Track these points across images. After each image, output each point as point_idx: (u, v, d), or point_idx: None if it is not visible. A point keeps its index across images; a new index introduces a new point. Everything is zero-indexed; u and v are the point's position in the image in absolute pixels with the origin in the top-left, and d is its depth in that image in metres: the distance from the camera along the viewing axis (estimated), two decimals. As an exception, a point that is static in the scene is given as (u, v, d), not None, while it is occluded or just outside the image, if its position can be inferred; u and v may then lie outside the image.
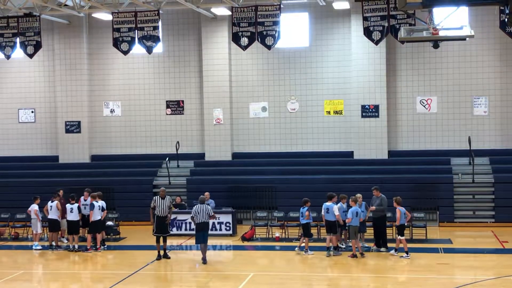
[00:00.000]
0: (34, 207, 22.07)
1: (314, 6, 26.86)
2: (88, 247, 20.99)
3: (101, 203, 21.33)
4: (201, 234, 19.20)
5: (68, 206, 21.30)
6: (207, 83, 27.82)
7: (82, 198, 22.01)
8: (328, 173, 26.20)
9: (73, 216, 21.18)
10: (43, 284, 18.05)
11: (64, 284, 17.41)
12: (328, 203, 19.71)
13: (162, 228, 19.81)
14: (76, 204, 21.27)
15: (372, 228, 20.52)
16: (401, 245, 19.07)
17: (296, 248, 20.09)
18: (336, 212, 19.44)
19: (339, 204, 19.88)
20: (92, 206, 21.05)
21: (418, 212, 23.19)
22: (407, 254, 18.95)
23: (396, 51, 26.89)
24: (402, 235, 19.15)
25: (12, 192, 27.32)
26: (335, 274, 17.81)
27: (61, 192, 22.31)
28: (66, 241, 21.72)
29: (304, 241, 20.07)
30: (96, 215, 21.03)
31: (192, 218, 19.27)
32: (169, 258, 19.72)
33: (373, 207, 19.84)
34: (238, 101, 28.09)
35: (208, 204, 23.24)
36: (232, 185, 26.15)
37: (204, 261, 19.02)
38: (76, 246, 21.18)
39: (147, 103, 28.86)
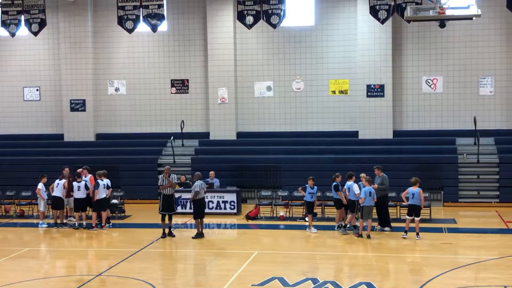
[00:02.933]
0: (39, 186, 22.15)
1: (320, -16, 26.75)
2: (93, 225, 21.09)
3: (106, 181, 21.38)
4: (203, 209, 19.69)
5: (75, 184, 21.37)
6: (212, 62, 27.76)
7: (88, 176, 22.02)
8: (333, 152, 26.21)
9: (80, 194, 21.26)
10: (48, 261, 18.16)
11: (69, 261, 17.51)
12: (349, 182, 19.72)
13: (168, 206, 19.92)
14: (83, 182, 21.32)
15: (375, 208, 20.53)
16: (411, 225, 19.02)
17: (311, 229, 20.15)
18: (356, 191, 19.42)
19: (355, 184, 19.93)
20: (97, 185, 21.12)
21: (422, 192, 23.15)
22: (405, 233, 18.98)
23: (402, 30, 26.76)
24: (410, 215, 19.09)
25: (17, 170, 27.46)
26: (339, 252, 17.86)
27: (66, 170, 22.34)
28: (73, 219, 21.81)
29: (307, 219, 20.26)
30: (101, 193, 21.10)
31: (197, 193, 19.41)
32: (174, 236, 19.83)
33: (375, 185, 19.84)
34: (243, 80, 28.04)
35: (212, 183, 23.51)
36: (237, 164, 26.18)
37: (202, 234, 19.64)
38: (84, 224, 21.33)
39: (151, 82, 28.84)
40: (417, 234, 18.83)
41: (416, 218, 19.00)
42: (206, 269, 16.48)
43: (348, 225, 20.23)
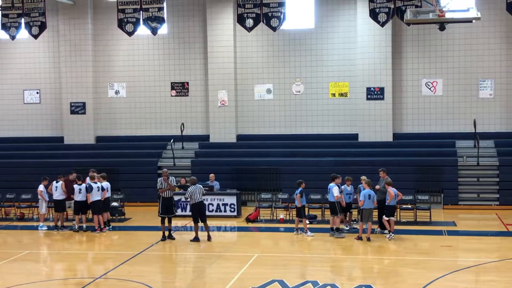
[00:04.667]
0: (40, 187, 22.16)
1: (320, -13, 26.77)
2: (96, 228, 21.07)
3: (105, 184, 21.39)
4: (199, 213, 19.53)
5: (76, 186, 21.35)
6: (212, 65, 27.78)
7: (87, 178, 22.01)
8: (333, 155, 26.19)
9: (81, 196, 21.24)
10: (48, 264, 18.16)
11: (69, 264, 17.50)
12: (330, 184, 19.74)
13: (168, 209, 19.92)
14: (84, 185, 21.31)
15: (376, 210, 20.53)
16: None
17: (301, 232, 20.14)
18: (335, 193, 19.44)
19: (343, 186, 19.90)
20: (90, 188, 21.06)
21: (422, 194, 23.23)
22: (391, 233, 19.00)
23: (402, 33, 26.77)
24: (392, 216, 19.16)
25: (17, 172, 27.43)
26: (339, 255, 17.86)
27: (73, 175, 22.27)
28: (74, 222, 21.79)
29: (301, 222, 20.20)
30: (94, 196, 21.03)
31: (186, 198, 19.50)
32: (174, 239, 19.83)
33: (378, 186, 19.85)
34: (243, 83, 28.05)
35: (212, 186, 23.48)
36: (237, 167, 26.17)
37: (210, 238, 19.49)
38: (84, 226, 21.32)
39: (152, 85, 28.86)
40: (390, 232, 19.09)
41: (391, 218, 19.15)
42: (206, 272, 16.48)
43: (347, 227, 20.26)
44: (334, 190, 19.52)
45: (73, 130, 29.16)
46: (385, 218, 19.26)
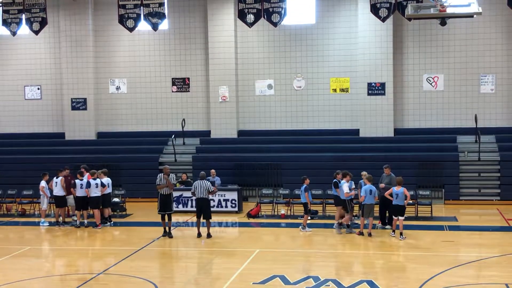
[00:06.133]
0: (42, 183, 22.15)
1: (321, -18, 26.73)
2: (98, 223, 21.08)
3: (106, 180, 21.38)
4: (201, 209, 19.38)
5: (77, 182, 21.34)
6: (213, 61, 27.76)
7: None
8: (334, 151, 26.22)
9: (82, 192, 21.24)
10: (49, 260, 18.17)
11: (71, 260, 17.50)
12: (342, 181, 19.69)
13: (166, 206, 19.82)
14: (85, 180, 21.31)
15: (377, 206, 20.51)
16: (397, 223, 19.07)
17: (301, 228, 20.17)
18: (345, 190, 19.41)
19: (342, 181, 19.88)
20: (88, 184, 21.05)
21: (423, 190, 23.22)
22: (394, 232, 18.94)
23: (403, 29, 26.75)
24: (395, 215, 19.04)
25: (19, 168, 27.49)
26: (340, 251, 17.87)
27: (66, 171, 22.28)
28: (75, 218, 21.80)
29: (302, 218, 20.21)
30: (93, 193, 21.02)
31: (193, 193, 19.44)
32: (172, 237, 19.58)
33: (382, 184, 19.84)
34: (244, 78, 28.05)
35: (213, 182, 23.45)
36: (238, 162, 26.19)
37: (209, 235, 19.30)
38: (86, 222, 21.33)
39: (152, 80, 28.86)
40: (401, 234, 18.69)
41: (400, 218, 18.80)
42: (207, 267, 16.49)
43: (349, 224, 20.25)
44: (344, 187, 19.47)
45: (74, 126, 29.18)
46: (394, 218, 19.16)
